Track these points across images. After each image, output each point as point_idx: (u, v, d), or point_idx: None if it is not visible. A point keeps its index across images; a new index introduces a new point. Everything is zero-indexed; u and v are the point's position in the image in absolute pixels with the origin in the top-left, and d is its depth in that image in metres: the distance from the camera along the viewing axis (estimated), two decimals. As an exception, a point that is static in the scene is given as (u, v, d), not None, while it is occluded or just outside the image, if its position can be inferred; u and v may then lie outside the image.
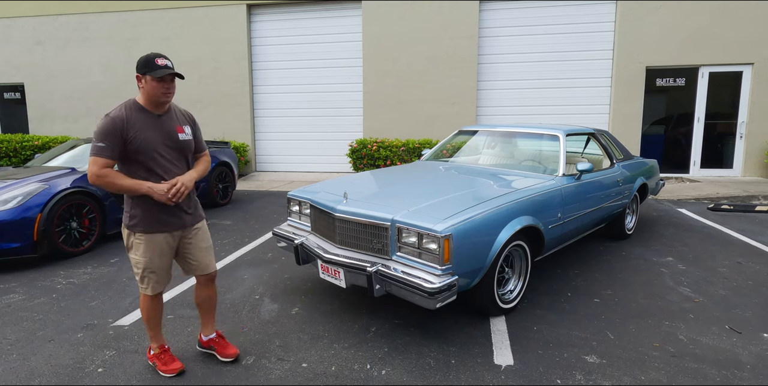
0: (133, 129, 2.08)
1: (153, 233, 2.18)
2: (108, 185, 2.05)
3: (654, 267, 3.91)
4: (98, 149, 2.04)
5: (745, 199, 6.60)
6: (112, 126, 2.04)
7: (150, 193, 2.08)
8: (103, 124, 2.04)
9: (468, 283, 2.68)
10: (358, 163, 8.51)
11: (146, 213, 2.16)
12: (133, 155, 2.10)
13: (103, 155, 2.04)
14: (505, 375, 2.34)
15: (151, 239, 2.18)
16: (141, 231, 2.16)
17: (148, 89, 2.10)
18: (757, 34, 7.74)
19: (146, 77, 2.08)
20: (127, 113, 2.10)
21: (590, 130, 4.47)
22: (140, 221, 2.16)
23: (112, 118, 2.06)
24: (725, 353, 2.55)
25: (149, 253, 2.19)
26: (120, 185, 2.05)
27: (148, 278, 2.23)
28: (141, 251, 2.19)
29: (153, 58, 2.08)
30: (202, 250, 2.38)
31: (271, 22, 9.34)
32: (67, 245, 4.20)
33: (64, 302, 3.26)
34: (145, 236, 2.17)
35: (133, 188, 2.07)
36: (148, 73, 2.07)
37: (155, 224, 2.17)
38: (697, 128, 8.29)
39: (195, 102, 9.55)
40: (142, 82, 2.10)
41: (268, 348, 2.63)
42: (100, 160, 2.03)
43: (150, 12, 9.51)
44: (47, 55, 10.03)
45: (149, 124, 2.13)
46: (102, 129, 2.04)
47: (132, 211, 2.17)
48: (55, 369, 2.42)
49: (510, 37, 8.58)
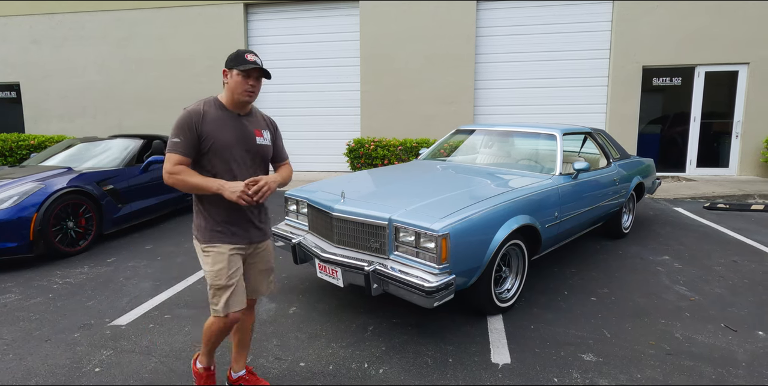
0: (210, 126, 1.89)
1: (218, 244, 1.95)
2: (179, 183, 1.84)
3: (650, 266, 3.93)
4: (172, 145, 1.85)
5: (741, 198, 6.63)
6: (187, 120, 1.86)
7: (220, 191, 1.84)
8: (179, 118, 1.87)
9: (465, 282, 2.68)
10: (355, 162, 8.50)
11: (210, 222, 1.96)
12: (207, 155, 1.91)
13: (177, 150, 1.85)
14: (502, 374, 2.35)
15: (218, 250, 1.95)
16: (206, 241, 1.96)
17: (232, 85, 1.93)
18: (752, 33, 7.78)
19: (232, 72, 1.91)
20: (205, 107, 1.92)
21: (587, 129, 4.48)
22: (204, 231, 1.96)
23: (188, 112, 1.88)
24: (721, 351, 2.56)
25: (218, 265, 1.94)
26: (190, 182, 1.84)
27: (217, 295, 1.96)
28: (209, 264, 1.95)
29: (243, 54, 1.92)
30: (261, 273, 2.14)
31: (268, 21, 9.32)
32: (64, 244, 4.18)
33: (61, 302, 3.25)
34: (211, 248, 1.95)
35: (202, 186, 1.85)
36: (235, 67, 1.90)
37: (219, 235, 1.95)
38: (693, 128, 8.33)
39: (191, 101, 9.39)
40: (228, 77, 1.94)
41: (266, 347, 2.62)
42: (173, 156, 1.84)
43: (145, 11, 9.47)
44: (43, 54, 9.98)
45: (227, 123, 1.94)
46: (177, 123, 1.86)
47: (197, 219, 1.99)
48: (52, 369, 2.41)
49: (507, 37, 8.59)
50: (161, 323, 2.92)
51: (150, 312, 3.08)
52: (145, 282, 3.61)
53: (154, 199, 5.31)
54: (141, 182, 5.13)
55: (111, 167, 4.99)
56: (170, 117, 9.65)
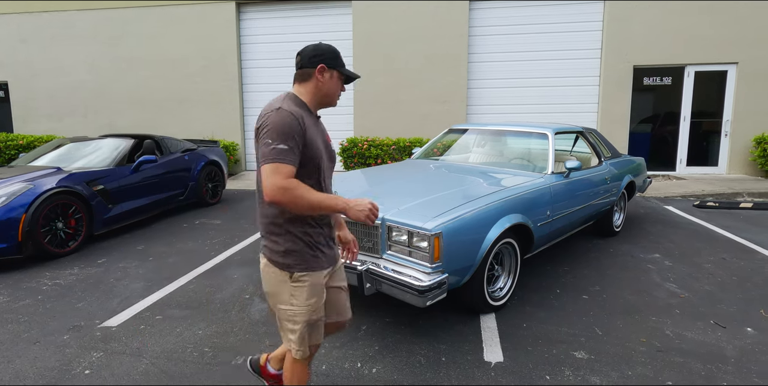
0: (309, 132, 1.58)
1: (317, 270, 1.63)
2: (296, 200, 1.46)
3: (641, 264, 3.96)
4: (280, 152, 1.47)
5: (730, 196, 6.71)
6: (294, 124, 1.51)
7: (345, 209, 1.53)
8: (282, 119, 1.49)
9: (458, 281, 2.69)
10: (348, 162, 8.49)
11: (307, 246, 1.61)
12: (302, 165, 1.58)
13: (288, 160, 1.48)
14: (494, 372, 2.36)
15: (316, 279, 1.62)
16: (303, 269, 1.60)
17: (330, 86, 1.66)
18: (741, 33, 7.87)
19: (334, 72, 1.65)
20: (299, 108, 1.59)
21: (578, 128, 4.51)
22: (302, 257, 1.60)
23: (291, 113, 1.52)
24: (710, 347, 2.59)
25: (314, 298, 1.62)
26: (310, 200, 1.48)
27: (307, 335, 1.64)
28: (303, 297, 1.60)
29: (340, 54, 1.69)
30: (342, 290, 1.85)
31: (260, 20, 9.27)
32: (53, 245, 4.13)
33: (50, 303, 3.21)
34: (308, 276, 1.61)
35: (325, 204, 1.51)
36: (338, 68, 1.65)
37: (315, 260, 1.63)
38: (683, 127, 8.41)
39: (183, 101, 9.46)
40: (325, 75, 1.64)
41: (259, 347, 2.61)
42: (285, 167, 1.47)
43: (136, 9, 9.38)
44: (31, 53, 9.86)
45: (314, 127, 1.63)
46: (281, 127, 1.49)
47: (287, 244, 1.59)
48: (41, 371, 2.39)
49: (500, 36, 8.62)
50: (153, 324, 2.90)
51: (141, 313, 3.05)
52: (136, 283, 3.58)
53: (146, 199, 5.27)
54: (132, 182, 5.08)
55: (101, 167, 4.94)
56: (162, 117, 9.59)
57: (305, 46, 1.68)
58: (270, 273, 1.63)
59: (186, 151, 6.18)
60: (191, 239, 4.78)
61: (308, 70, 1.64)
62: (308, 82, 1.65)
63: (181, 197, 5.89)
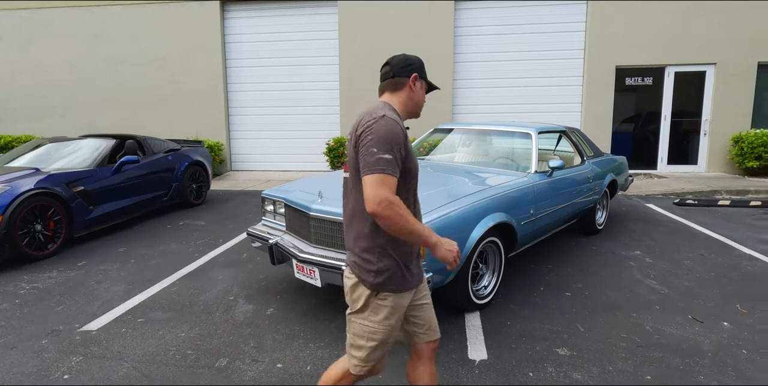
0: (408, 144, 1.50)
1: (404, 292, 1.57)
2: (397, 218, 1.39)
3: (623, 261, 4.03)
4: (386, 163, 1.39)
5: (709, 194, 6.87)
6: (399, 133, 1.44)
7: (435, 245, 1.49)
8: (387, 128, 1.42)
9: (442, 279, 2.70)
10: (335, 161, 8.47)
11: (399, 266, 1.55)
12: (401, 175, 1.49)
13: (393, 171, 1.40)
14: (479, 370, 2.38)
15: (400, 300, 1.57)
16: (392, 290, 1.55)
17: (420, 95, 1.64)
18: (719, 35, 8.05)
19: (422, 82, 1.64)
20: (400, 117, 1.54)
21: (561, 128, 4.56)
22: (393, 276, 1.54)
23: (395, 121, 1.45)
24: (688, 342, 2.65)
25: (393, 319, 1.58)
26: (409, 224, 1.41)
27: (375, 353, 1.61)
28: (382, 316, 1.56)
29: None
30: (430, 307, 1.77)
31: (245, 19, 9.19)
32: (31, 248, 4.04)
33: (28, 308, 3.14)
34: (394, 297, 1.56)
35: (419, 233, 1.44)
36: (425, 78, 1.65)
37: (406, 281, 1.57)
38: (663, 126, 8.58)
39: (166, 100, 9.32)
40: (416, 85, 1.62)
41: (243, 349, 2.59)
42: (390, 179, 1.39)
43: (117, 7, 9.22)
44: (9, 51, 9.61)
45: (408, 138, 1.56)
46: (389, 135, 1.41)
47: (382, 262, 1.53)
48: (18, 377, 2.33)
49: (484, 37, 8.68)
50: (134, 327, 2.86)
51: (122, 316, 3.00)
52: (117, 286, 3.52)
53: (128, 200, 5.18)
54: (113, 183, 5.00)
55: (82, 167, 4.84)
56: (144, 116, 9.44)
57: (393, 56, 1.64)
58: (356, 289, 1.58)
59: (169, 151, 6.10)
60: (175, 240, 4.72)
61: (401, 79, 1.60)
62: (401, 92, 1.61)
63: (165, 198, 5.81)
